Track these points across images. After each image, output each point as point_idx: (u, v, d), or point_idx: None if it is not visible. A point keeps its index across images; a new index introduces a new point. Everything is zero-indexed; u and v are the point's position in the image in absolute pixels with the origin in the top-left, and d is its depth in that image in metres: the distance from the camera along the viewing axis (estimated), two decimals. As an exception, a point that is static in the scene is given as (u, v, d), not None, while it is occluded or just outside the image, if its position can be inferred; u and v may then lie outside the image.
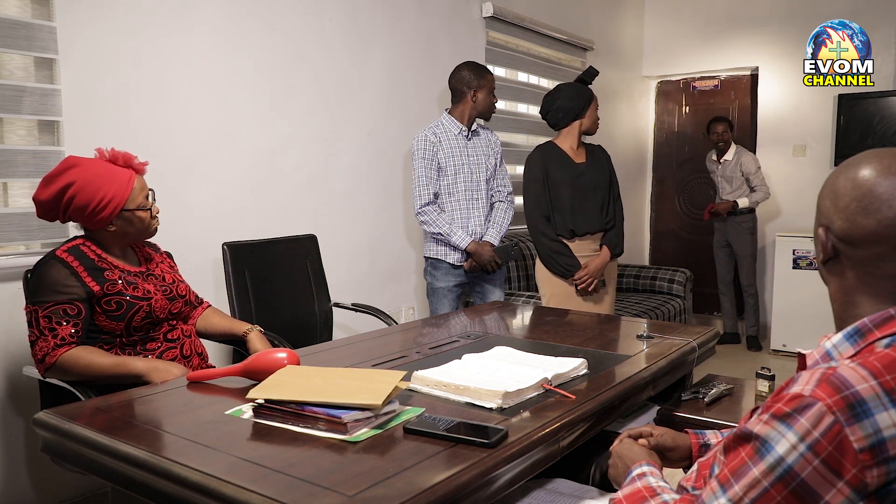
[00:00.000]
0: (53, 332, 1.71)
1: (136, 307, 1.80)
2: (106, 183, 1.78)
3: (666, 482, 1.11)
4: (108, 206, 1.78)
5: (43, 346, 1.72)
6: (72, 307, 1.73)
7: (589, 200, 2.92)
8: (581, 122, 2.94)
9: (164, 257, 2.06)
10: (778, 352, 4.72)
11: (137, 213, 1.85)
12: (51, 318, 1.72)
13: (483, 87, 3.04)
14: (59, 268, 1.74)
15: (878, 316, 0.90)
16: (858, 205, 0.91)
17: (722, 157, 4.84)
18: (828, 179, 0.98)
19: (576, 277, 2.88)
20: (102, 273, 1.79)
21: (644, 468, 1.15)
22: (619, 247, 2.98)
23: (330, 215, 3.22)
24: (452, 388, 1.43)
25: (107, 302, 1.77)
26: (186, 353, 1.93)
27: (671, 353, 1.84)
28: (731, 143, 4.81)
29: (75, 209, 1.77)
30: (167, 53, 2.56)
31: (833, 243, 0.95)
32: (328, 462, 1.11)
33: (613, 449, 1.25)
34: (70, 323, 1.73)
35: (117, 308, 1.78)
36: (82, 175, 1.76)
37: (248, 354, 2.00)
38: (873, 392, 0.80)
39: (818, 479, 0.79)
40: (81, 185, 1.75)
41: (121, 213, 1.81)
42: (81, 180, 1.76)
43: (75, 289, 1.74)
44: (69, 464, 1.33)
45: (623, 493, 1.09)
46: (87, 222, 1.82)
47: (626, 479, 1.15)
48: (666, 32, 5.61)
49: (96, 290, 1.76)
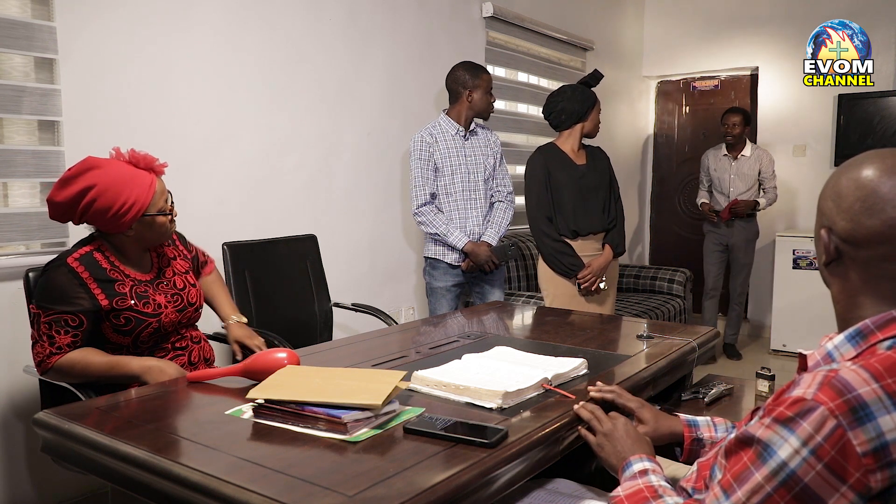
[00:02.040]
0: (52, 339, 1.69)
1: (144, 323, 1.77)
2: (128, 187, 1.71)
3: (667, 482, 1.10)
4: (129, 211, 1.71)
5: (40, 351, 1.71)
6: (73, 318, 1.69)
7: (591, 201, 2.93)
8: (583, 126, 2.95)
9: (178, 249, 1.98)
10: (778, 352, 4.72)
11: (158, 218, 1.79)
12: (51, 325, 1.69)
13: (478, 87, 3.04)
14: (68, 276, 1.70)
15: (881, 318, 0.89)
16: (862, 205, 0.90)
17: (739, 153, 4.54)
18: (829, 180, 0.98)
19: (579, 276, 2.89)
20: (113, 285, 1.74)
21: (646, 464, 1.14)
22: (620, 245, 3.00)
23: (330, 215, 3.22)
24: (452, 388, 1.43)
25: (115, 317, 1.74)
26: (194, 360, 1.91)
27: (671, 353, 1.84)
28: (744, 139, 4.55)
29: (95, 213, 1.70)
30: (167, 53, 2.56)
31: (836, 244, 0.94)
32: (328, 462, 1.11)
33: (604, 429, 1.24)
34: (69, 333, 1.70)
35: (126, 324, 1.75)
36: (104, 178, 1.69)
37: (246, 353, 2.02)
38: (875, 395, 0.79)
39: (821, 483, 0.78)
40: (103, 189, 1.68)
41: (141, 218, 1.75)
42: (103, 183, 1.68)
43: (81, 300, 1.70)
44: (69, 464, 1.33)
45: (624, 490, 1.09)
46: (106, 226, 1.75)
47: (626, 472, 1.15)
48: (666, 32, 5.61)
49: (104, 304, 1.71)
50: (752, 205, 4.48)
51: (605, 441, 1.23)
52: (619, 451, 1.20)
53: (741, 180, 4.53)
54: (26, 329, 1.95)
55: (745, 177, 4.53)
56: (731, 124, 4.50)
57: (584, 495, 1.33)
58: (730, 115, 4.53)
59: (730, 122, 4.51)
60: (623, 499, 1.07)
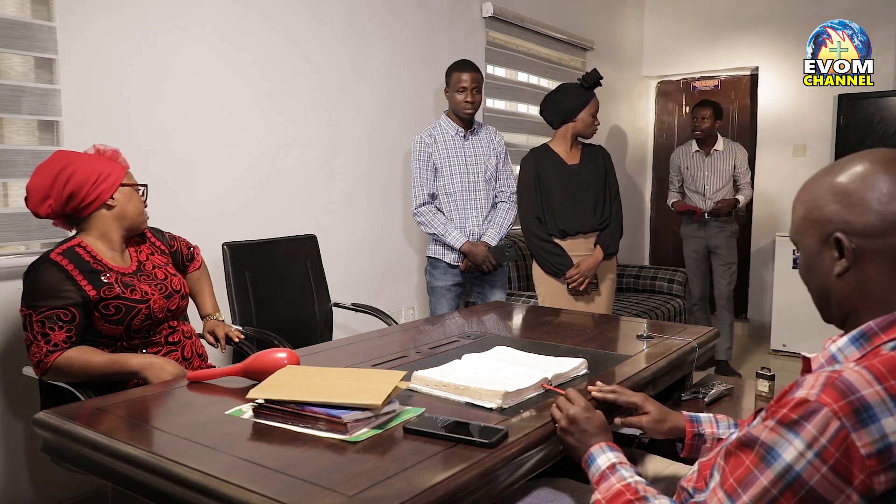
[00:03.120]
0: (46, 337, 1.69)
1: (135, 310, 1.79)
2: (101, 163, 1.81)
3: (640, 475, 1.09)
4: (107, 179, 1.79)
5: (36, 351, 1.71)
6: (65, 312, 1.70)
7: (581, 201, 2.94)
8: (573, 125, 2.95)
9: (154, 245, 2.00)
10: (778, 352, 4.72)
11: (136, 189, 1.88)
12: (44, 322, 1.69)
13: (449, 87, 3.04)
14: (53, 271, 1.71)
15: (885, 319, 0.89)
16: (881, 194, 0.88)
17: (711, 148, 4.33)
18: (812, 190, 0.96)
19: (567, 276, 2.91)
20: (98, 276, 1.76)
21: (609, 455, 1.13)
22: (612, 246, 2.99)
23: (330, 215, 3.22)
24: (452, 388, 1.43)
25: (105, 307, 1.75)
26: (188, 356, 1.93)
27: (671, 353, 1.84)
28: (716, 133, 4.32)
29: (75, 188, 1.75)
30: (167, 53, 2.56)
31: (856, 244, 0.90)
32: (328, 462, 1.11)
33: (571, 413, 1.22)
34: (63, 329, 1.70)
35: (116, 312, 1.76)
36: (76, 158, 1.78)
37: (246, 353, 2.02)
38: (879, 397, 0.79)
39: (827, 486, 0.78)
40: (77, 166, 1.76)
41: (120, 188, 1.82)
42: (77, 162, 1.77)
43: (70, 293, 1.71)
44: (69, 464, 1.33)
45: (602, 493, 1.07)
46: (87, 201, 1.78)
47: (591, 466, 1.14)
48: (666, 32, 5.61)
49: (93, 294, 1.73)
50: (733, 203, 4.28)
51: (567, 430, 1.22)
52: (580, 441, 1.19)
53: (716, 176, 4.32)
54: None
55: (720, 172, 4.32)
56: (701, 118, 4.26)
57: (584, 494, 1.33)
58: (699, 109, 4.29)
59: (699, 116, 4.27)
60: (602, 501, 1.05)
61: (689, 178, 4.42)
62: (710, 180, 4.33)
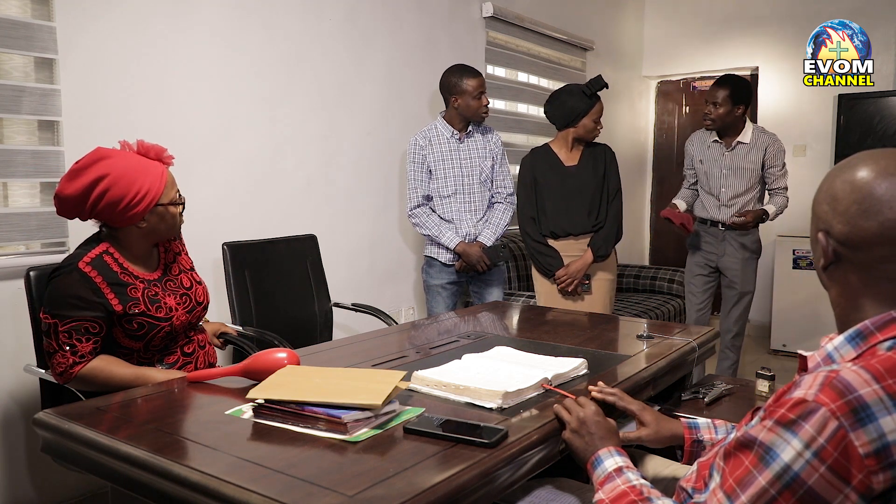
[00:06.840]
0: (73, 348, 1.66)
1: (157, 328, 1.75)
2: (140, 176, 1.68)
3: (645, 478, 1.10)
4: (143, 201, 1.67)
5: (62, 361, 1.67)
6: (94, 325, 1.67)
7: (574, 203, 2.94)
8: (574, 130, 2.95)
9: (182, 244, 1.97)
10: (778, 352, 4.72)
11: (170, 208, 1.76)
12: (71, 333, 1.66)
13: (464, 94, 3.00)
14: (82, 283, 1.66)
15: (880, 318, 0.89)
16: (859, 207, 0.90)
17: (734, 140, 3.25)
18: (822, 184, 0.97)
19: (556, 276, 2.92)
20: (126, 290, 1.71)
21: (618, 460, 1.14)
22: (602, 249, 2.93)
23: (330, 215, 3.22)
24: (452, 388, 1.43)
25: (128, 321, 1.71)
26: (200, 366, 1.91)
27: (671, 353, 1.84)
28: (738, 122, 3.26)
29: (107, 204, 1.66)
30: (167, 53, 2.56)
31: (834, 248, 0.93)
32: (328, 462, 1.11)
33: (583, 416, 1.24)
34: (91, 340, 1.67)
35: (139, 328, 1.73)
36: (115, 167, 1.65)
37: (246, 353, 2.02)
38: (876, 396, 0.79)
39: (825, 486, 0.78)
40: (115, 179, 1.64)
41: (154, 209, 1.72)
42: (114, 173, 1.64)
43: (98, 306, 1.67)
44: (69, 464, 1.32)
45: (606, 493, 1.08)
46: (118, 219, 1.70)
47: (597, 468, 1.14)
48: (666, 32, 5.61)
49: (118, 309, 1.69)
50: (759, 215, 3.20)
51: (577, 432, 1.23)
52: (588, 444, 1.20)
53: (737, 177, 3.28)
54: (27, 329, 1.95)
55: (743, 172, 3.26)
56: (712, 102, 3.22)
57: (584, 494, 1.33)
58: (712, 90, 3.26)
59: (710, 99, 3.24)
60: (606, 501, 1.06)
61: (703, 175, 3.39)
62: (728, 181, 3.30)
